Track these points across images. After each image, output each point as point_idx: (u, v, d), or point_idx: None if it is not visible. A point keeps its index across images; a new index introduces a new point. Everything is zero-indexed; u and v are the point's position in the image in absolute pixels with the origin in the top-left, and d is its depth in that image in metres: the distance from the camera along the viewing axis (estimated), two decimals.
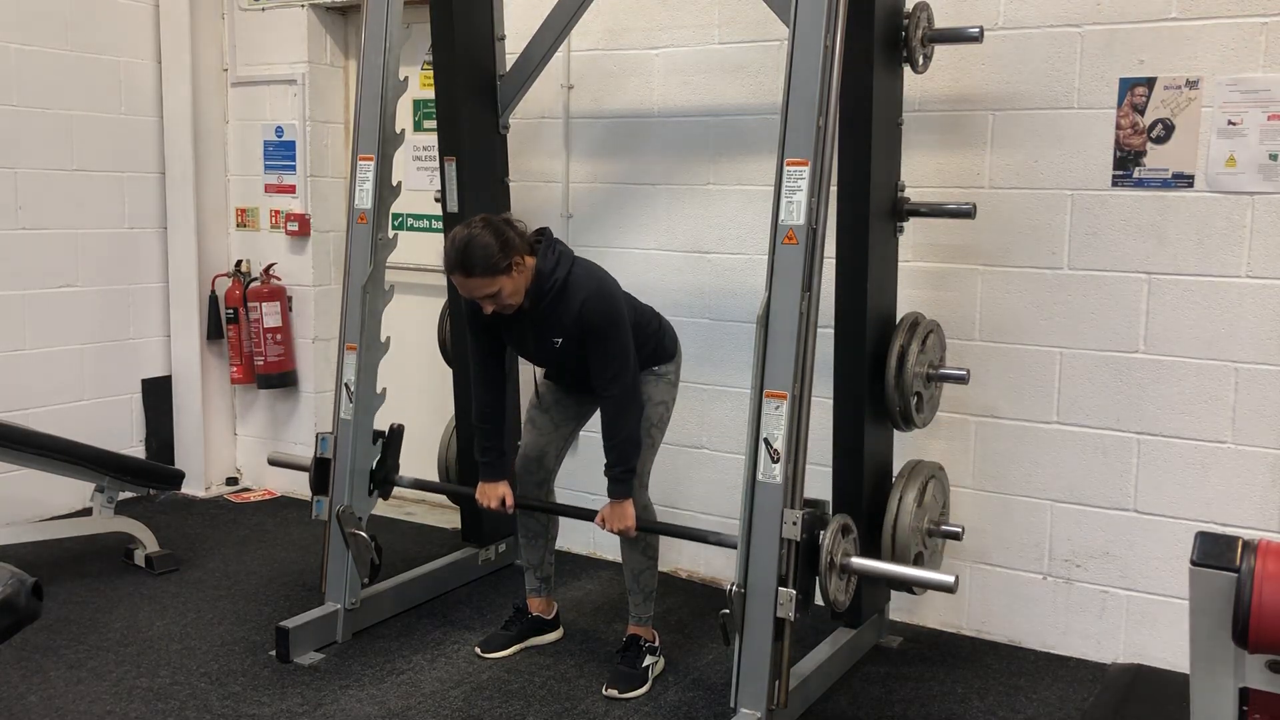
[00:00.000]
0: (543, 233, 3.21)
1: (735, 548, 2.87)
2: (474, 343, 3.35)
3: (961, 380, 3.44)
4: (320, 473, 3.65)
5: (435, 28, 3.93)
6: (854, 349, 3.37)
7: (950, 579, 2.83)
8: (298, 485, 5.26)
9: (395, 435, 3.73)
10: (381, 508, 4.47)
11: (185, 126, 5.07)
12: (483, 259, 3.00)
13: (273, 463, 3.99)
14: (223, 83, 5.22)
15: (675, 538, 3.49)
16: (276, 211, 5.14)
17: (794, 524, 2.77)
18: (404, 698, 3.27)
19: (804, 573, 2.80)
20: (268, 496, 5.28)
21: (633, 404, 3.19)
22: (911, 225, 3.59)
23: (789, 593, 2.76)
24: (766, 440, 2.80)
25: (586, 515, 3.36)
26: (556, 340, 3.18)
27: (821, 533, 2.81)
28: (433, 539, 4.66)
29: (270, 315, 5.04)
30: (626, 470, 3.19)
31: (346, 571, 3.60)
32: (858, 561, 2.91)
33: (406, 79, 3.76)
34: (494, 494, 3.42)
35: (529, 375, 4.12)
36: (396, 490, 3.79)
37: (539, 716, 3.17)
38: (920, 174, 3.68)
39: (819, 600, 2.87)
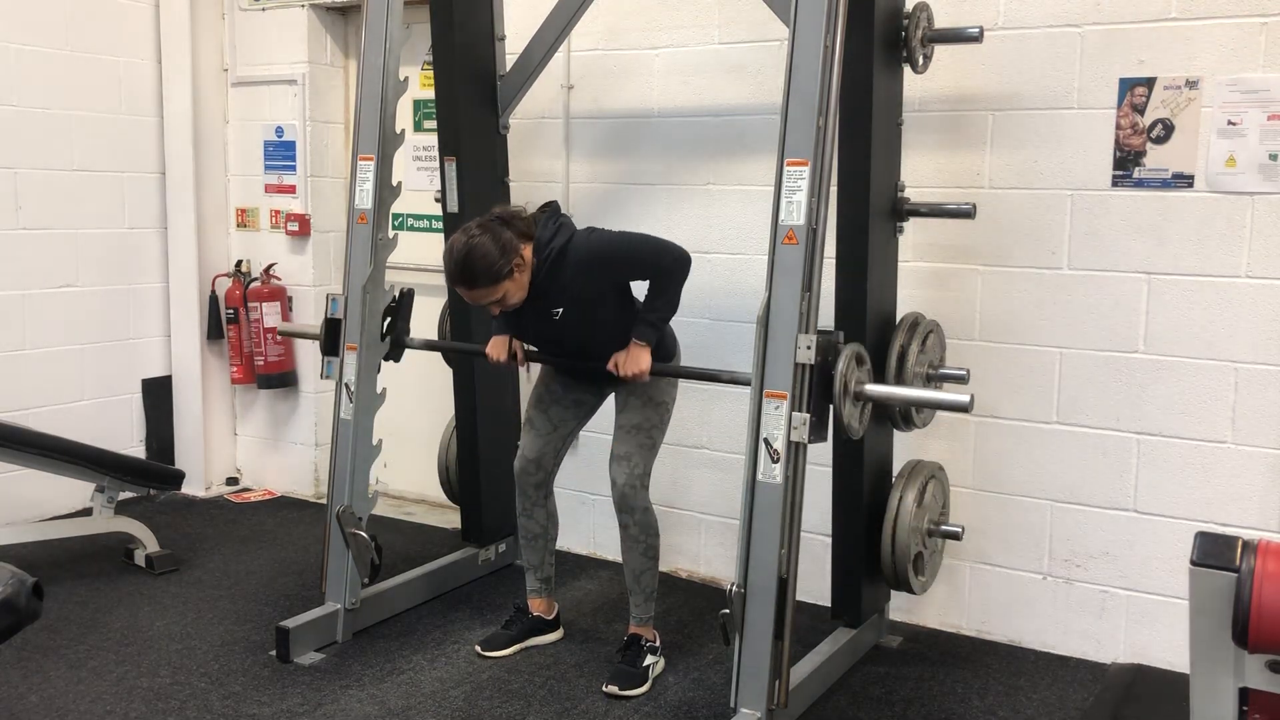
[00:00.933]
0: (548, 205, 3.21)
1: (749, 384, 2.85)
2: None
3: (961, 380, 3.44)
4: (330, 333, 3.67)
5: (435, 28, 3.93)
6: (854, 343, 3.36)
7: (965, 399, 2.82)
8: (298, 485, 5.27)
9: (405, 297, 3.75)
10: (381, 507, 4.48)
11: (185, 126, 5.07)
12: (484, 269, 3.01)
13: (283, 333, 3.98)
14: (223, 83, 5.22)
15: (689, 379, 3.44)
16: (276, 211, 5.14)
17: (808, 348, 2.76)
18: (404, 698, 3.27)
19: (819, 398, 2.79)
20: (268, 496, 5.28)
21: (684, 268, 3.17)
22: (911, 225, 3.59)
23: (803, 416, 2.76)
24: (766, 440, 2.80)
25: (600, 368, 3.22)
26: (556, 311, 3.16)
27: (835, 358, 2.80)
28: (433, 539, 4.66)
29: (270, 315, 5.04)
30: (661, 318, 3.19)
31: (346, 571, 3.61)
32: (872, 388, 2.90)
33: (406, 79, 3.76)
34: (501, 344, 3.40)
35: (529, 375, 4.13)
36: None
37: (539, 716, 3.17)
38: (920, 174, 3.68)
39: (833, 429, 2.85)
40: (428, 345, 3.87)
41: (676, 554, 4.29)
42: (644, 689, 3.32)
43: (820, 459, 3.45)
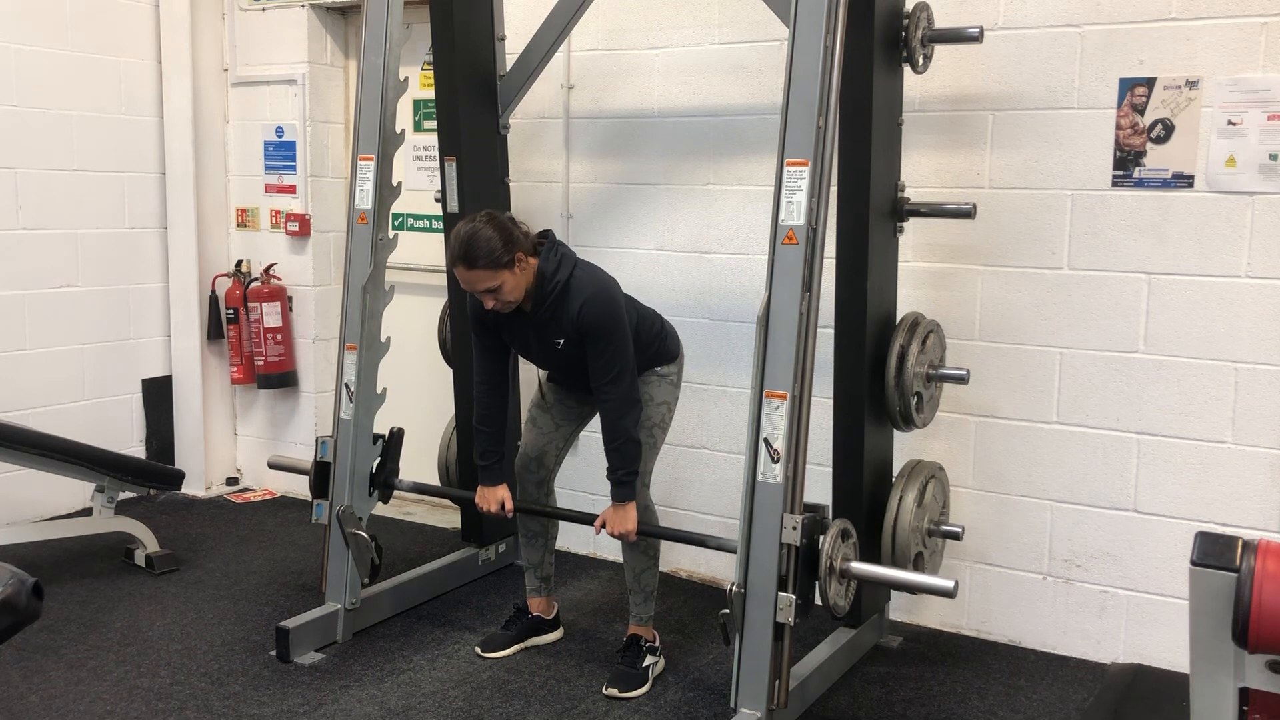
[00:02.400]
0: (546, 235, 3.21)
1: (735, 552, 2.87)
2: (477, 344, 3.36)
3: (961, 380, 3.44)
4: (320, 476, 3.65)
5: (435, 28, 3.93)
6: (854, 349, 3.37)
7: (949, 584, 2.82)
8: (298, 485, 5.26)
9: (395, 439, 3.73)
10: (381, 508, 4.47)
11: (185, 126, 5.08)
12: (486, 252, 3.01)
13: (273, 466, 3.99)
14: (223, 83, 5.22)
15: (675, 542, 3.50)
16: (277, 211, 5.14)
17: (794, 529, 2.77)
18: (404, 698, 3.27)
19: (804, 577, 2.80)
20: (268, 496, 5.28)
21: (632, 407, 3.18)
22: (911, 225, 3.59)
23: (789, 598, 2.77)
24: (766, 440, 2.80)
25: (586, 520, 3.35)
26: (558, 342, 3.18)
27: (821, 538, 2.81)
28: (433, 539, 4.66)
29: (270, 315, 5.04)
30: (629, 473, 3.19)
31: (346, 571, 3.61)
32: (857, 566, 2.90)
33: (406, 79, 3.76)
34: (493, 498, 3.42)
35: (530, 375, 4.13)
36: (396, 490, 3.79)
37: (539, 716, 3.17)
38: (920, 174, 3.68)
39: (819, 602, 2.87)
40: (417, 489, 3.81)
41: (676, 554, 4.29)
42: (644, 689, 3.32)
43: (820, 459, 3.45)
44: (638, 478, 3.23)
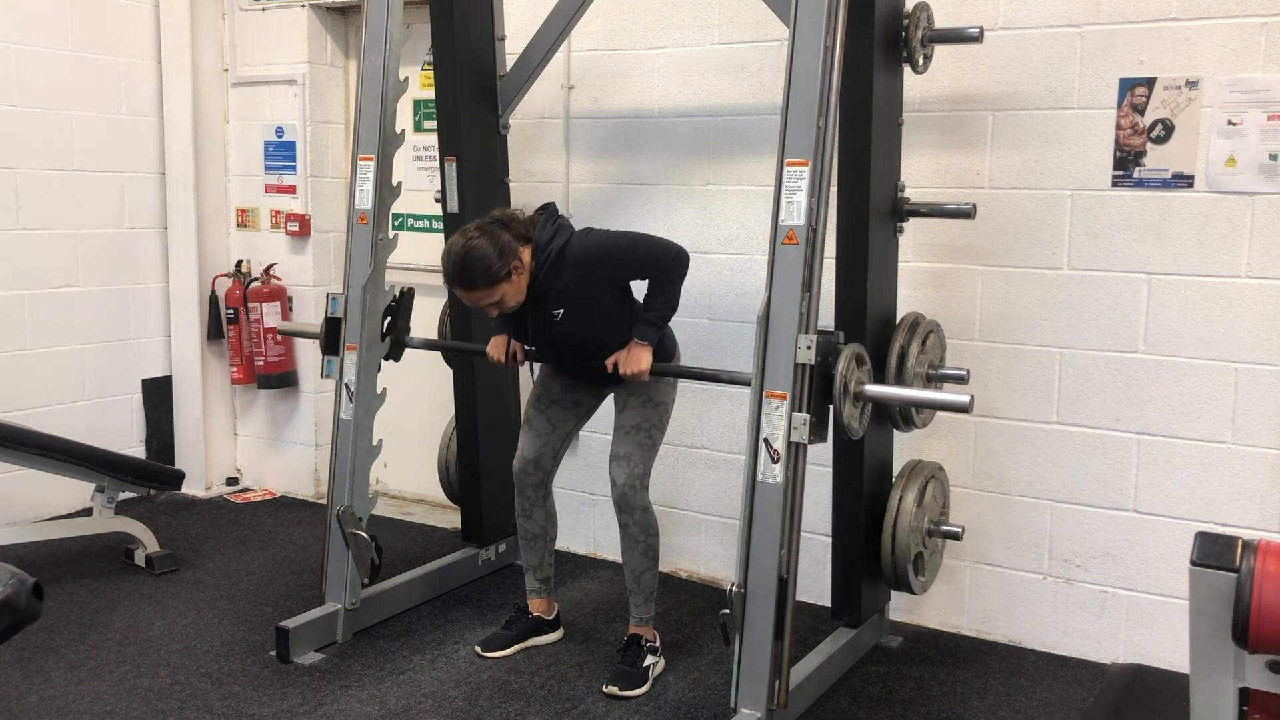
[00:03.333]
0: (545, 207, 3.21)
1: (749, 384, 2.85)
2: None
3: (961, 380, 3.44)
4: (330, 332, 3.67)
5: (435, 28, 3.93)
6: (854, 343, 3.36)
7: (965, 399, 2.82)
8: (298, 485, 5.27)
9: (405, 296, 3.75)
10: (381, 507, 4.48)
11: (185, 126, 5.07)
12: (482, 271, 3.01)
13: (282, 332, 3.98)
14: (223, 83, 5.22)
15: (689, 379, 3.45)
16: (277, 211, 5.14)
17: (808, 348, 2.76)
18: (404, 698, 3.27)
19: (818, 399, 2.79)
20: (268, 496, 5.28)
21: (682, 266, 3.17)
22: (911, 225, 3.59)
23: (803, 416, 2.76)
24: (766, 440, 2.80)
25: (601, 366, 3.25)
26: (556, 313, 3.16)
27: (836, 359, 2.80)
28: (433, 539, 4.66)
29: (270, 315, 5.04)
30: (661, 317, 3.19)
31: (346, 571, 3.61)
32: (872, 388, 2.90)
33: (406, 79, 3.76)
34: (500, 344, 3.42)
35: (528, 380, 4.13)
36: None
37: (539, 716, 3.17)
38: (920, 174, 3.68)
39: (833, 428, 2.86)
40: (428, 345, 3.87)
41: (676, 554, 4.29)
42: (644, 689, 3.32)
43: (820, 459, 3.45)
44: (664, 327, 3.23)
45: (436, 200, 4.12)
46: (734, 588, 2.83)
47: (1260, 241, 3.28)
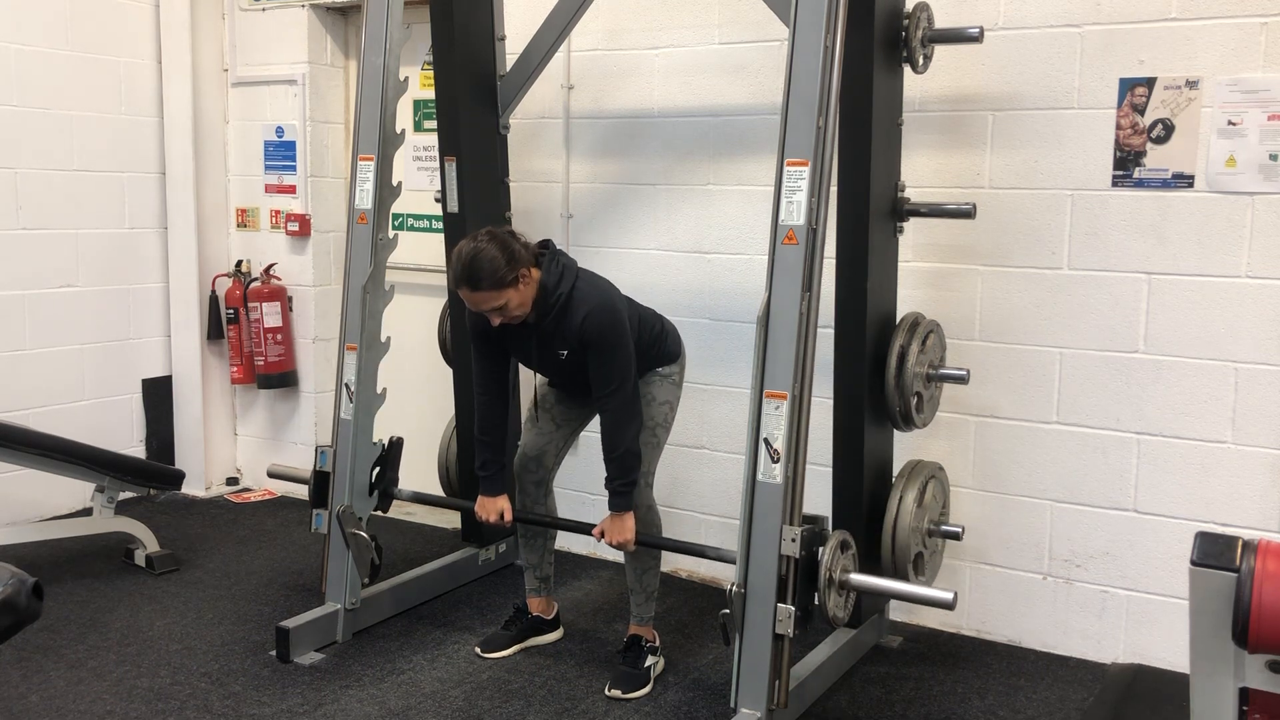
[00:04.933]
0: (546, 245, 3.21)
1: (734, 562, 2.87)
2: (477, 354, 3.36)
3: (961, 380, 3.44)
4: (319, 486, 3.65)
5: (435, 28, 3.93)
6: (854, 349, 3.37)
7: (949, 596, 2.82)
8: (298, 485, 5.25)
9: (394, 448, 3.73)
10: None
11: (185, 126, 5.07)
12: (489, 273, 3.01)
13: (272, 475, 4.00)
14: (223, 83, 5.22)
15: (673, 552, 3.51)
16: (277, 211, 5.14)
17: (793, 540, 2.77)
18: (404, 698, 3.27)
19: (803, 588, 2.80)
20: (268, 496, 5.28)
21: (632, 418, 3.19)
22: (911, 225, 3.59)
23: (788, 609, 2.77)
24: (766, 440, 2.80)
25: (585, 530, 3.35)
26: (562, 353, 3.19)
27: (820, 549, 2.82)
28: (433, 539, 4.66)
29: (270, 315, 5.04)
30: (626, 483, 3.19)
31: (346, 571, 3.61)
32: (856, 578, 2.90)
33: (406, 79, 3.76)
34: (493, 508, 3.43)
35: (530, 377, 4.13)
36: (396, 499, 3.80)
37: (539, 716, 3.17)
38: (920, 174, 3.68)
39: (818, 609, 2.87)
40: (417, 499, 3.84)
41: (677, 554, 4.28)
42: (646, 690, 3.32)
43: (820, 459, 3.45)
44: (635, 489, 3.23)
45: (436, 200, 4.12)
46: (734, 588, 2.83)
47: (1260, 241, 3.28)
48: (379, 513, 3.76)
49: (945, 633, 3.82)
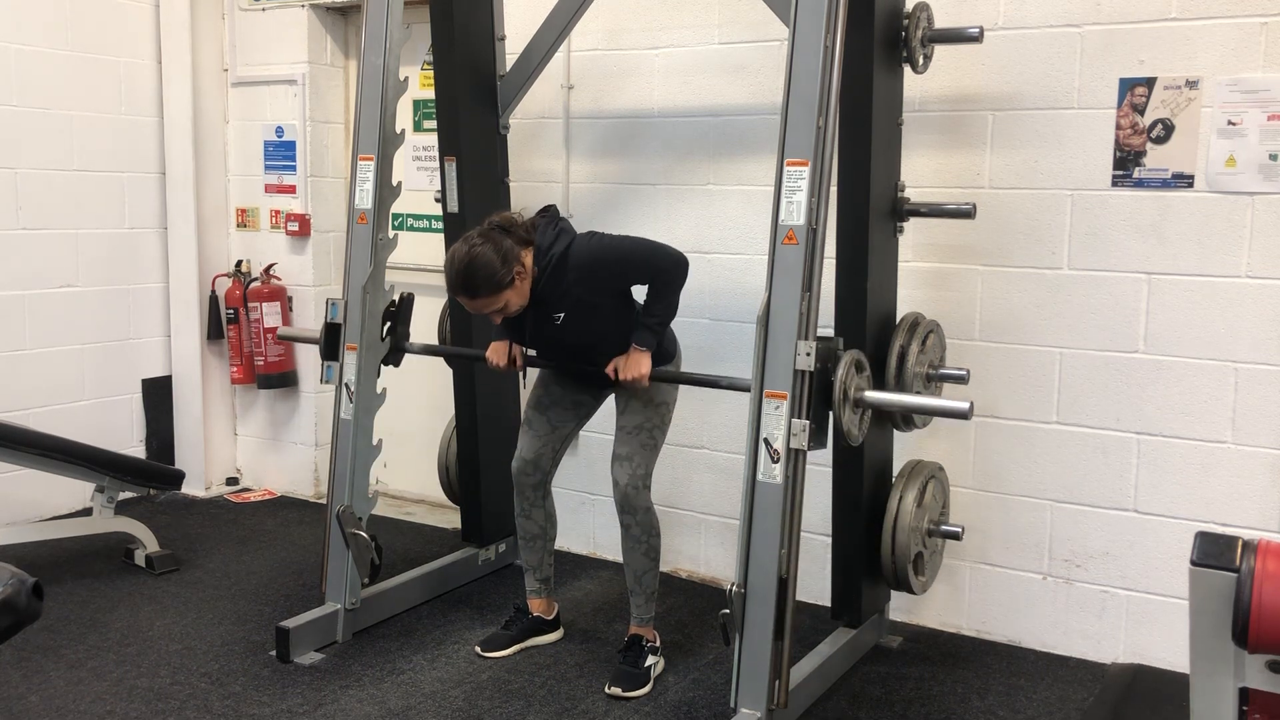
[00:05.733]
0: (547, 210, 3.21)
1: (748, 390, 2.85)
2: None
3: (961, 380, 3.44)
4: (330, 338, 3.67)
5: (435, 28, 3.93)
6: (854, 349, 3.36)
7: (964, 405, 2.81)
8: (298, 485, 5.27)
9: (405, 301, 3.76)
10: (381, 507, 4.48)
11: (185, 126, 5.08)
12: (485, 279, 3.01)
13: (282, 337, 4.01)
14: (223, 83, 5.22)
15: (688, 384, 3.44)
16: (276, 211, 5.14)
17: (807, 354, 2.76)
18: (404, 698, 3.27)
19: (818, 405, 2.79)
20: (268, 496, 5.28)
21: (682, 270, 3.18)
22: (911, 225, 3.59)
23: (802, 423, 2.76)
24: (766, 440, 2.80)
25: (600, 373, 3.25)
26: (557, 316, 3.17)
27: (835, 364, 2.80)
28: (433, 539, 4.66)
29: (270, 315, 5.04)
30: (660, 322, 3.20)
31: (346, 571, 3.61)
32: (871, 394, 2.90)
33: (406, 79, 3.76)
34: (502, 350, 3.41)
35: (531, 377, 4.13)
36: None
37: (539, 716, 3.17)
38: (920, 174, 3.68)
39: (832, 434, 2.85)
40: (427, 350, 3.87)
41: (677, 554, 4.29)
42: (646, 690, 3.32)
43: (820, 459, 3.44)
44: (663, 332, 3.22)
45: (436, 200, 4.12)
46: (734, 588, 2.83)
47: (1260, 241, 3.28)
48: (390, 365, 3.75)
49: (945, 633, 3.82)
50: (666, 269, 3.17)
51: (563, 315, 3.16)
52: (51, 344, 4.84)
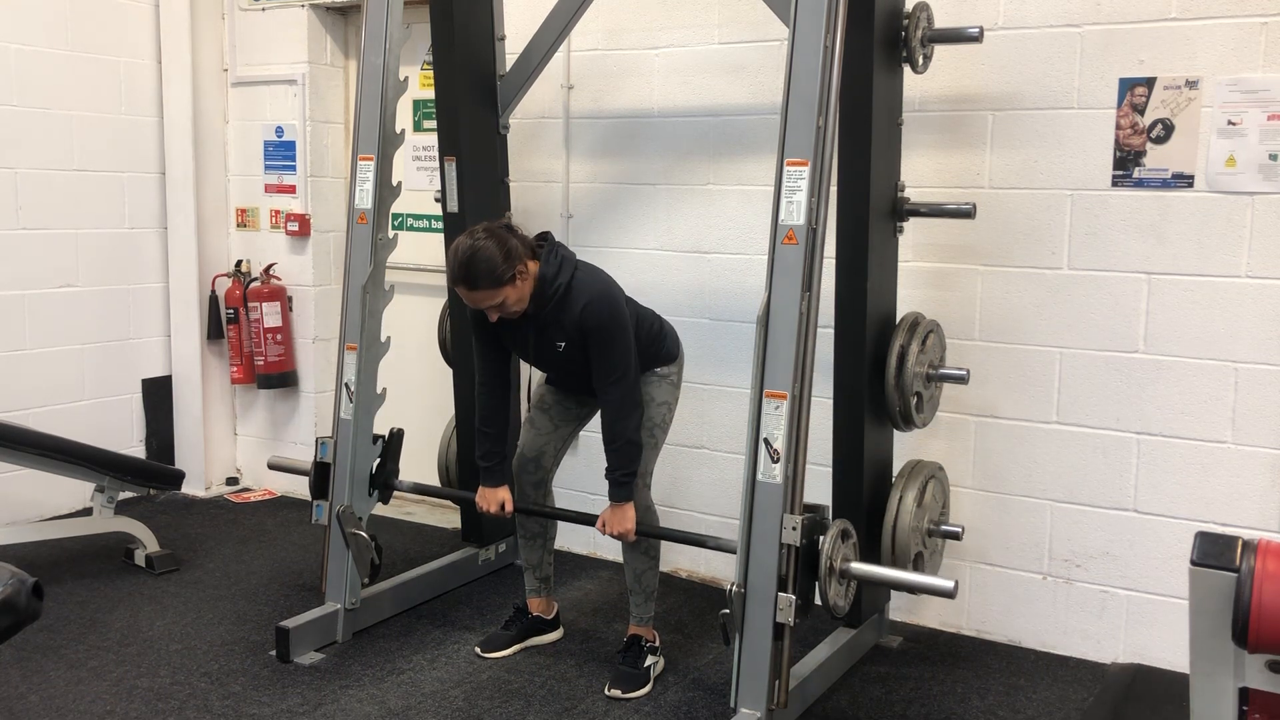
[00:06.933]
0: (545, 237, 3.21)
1: (734, 552, 2.87)
2: (479, 347, 3.36)
3: (961, 380, 3.44)
4: (320, 477, 3.65)
5: (435, 28, 3.93)
6: (854, 349, 3.37)
7: (949, 584, 2.82)
8: (298, 485, 5.26)
9: (395, 439, 3.73)
10: (381, 507, 4.47)
11: (185, 126, 5.08)
12: (487, 271, 3.01)
13: (272, 467, 4.00)
14: (223, 83, 5.22)
15: (674, 542, 3.50)
16: (276, 211, 5.14)
17: (794, 529, 2.77)
18: (404, 698, 3.27)
19: (804, 578, 2.80)
20: (268, 496, 5.28)
21: (633, 408, 3.19)
22: (911, 225, 3.59)
23: (789, 598, 2.76)
24: (766, 440, 2.80)
25: (587, 520, 3.35)
26: (560, 345, 3.19)
27: (821, 538, 2.81)
28: (433, 539, 4.66)
29: (270, 315, 5.04)
30: (627, 474, 3.20)
31: (346, 571, 3.61)
32: (857, 567, 2.90)
33: (406, 79, 3.76)
34: (494, 499, 3.43)
35: (529, 375, 4.13)
36: (396, 491, 3.79)
37: (539, 716, 3.17)
38: (920, 174, 3.68)
39: (819, 603, 2.87)
40: (417, 489, 3.81)
41: (677, 554, 4.29)
42: (646, 690, 3.32)
43: (820, 459, 3.45)
44: (636, 478, 3.23)
45: (436, 200, 4.12)
46: (734, 588, 2.83)
47: (1260, 241, 3.28)
48: (380, 504, 3.75)
49: (945, 633, 3.82)
50: (613, 400, 3.16)
51: (564, 345, 3.18)
52: (51, 344, 4.84)
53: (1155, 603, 3.52)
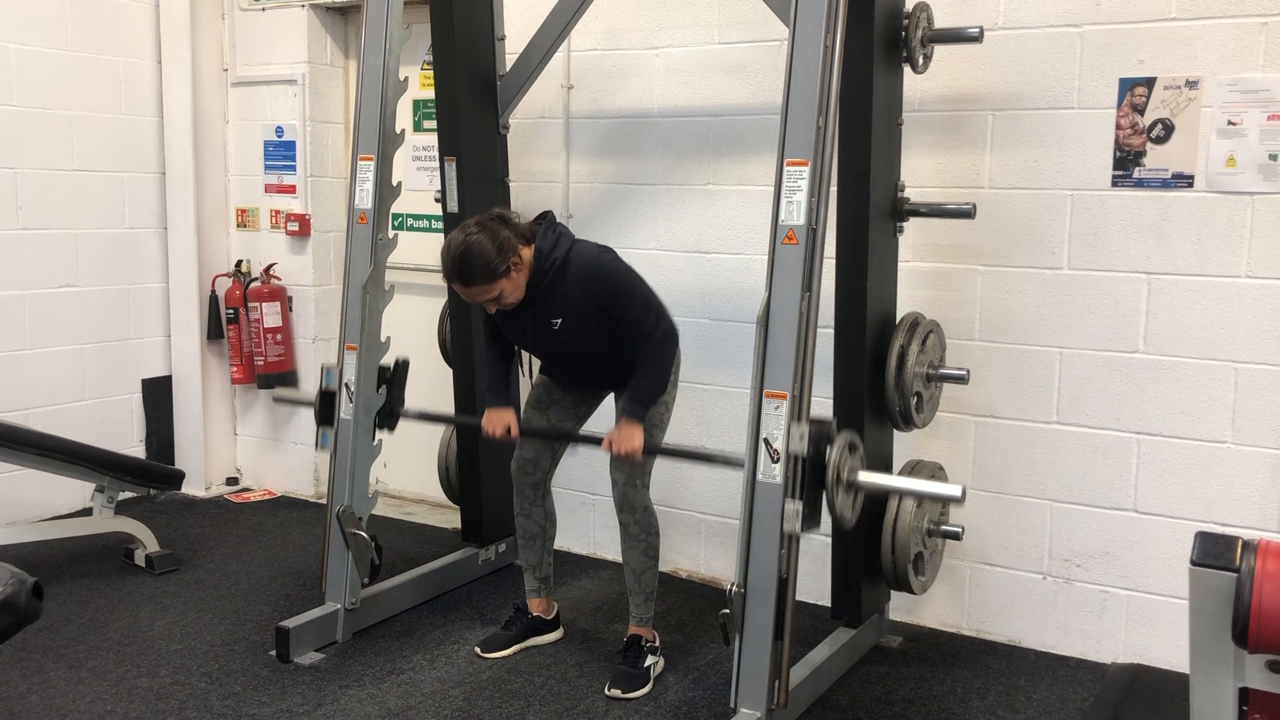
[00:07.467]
0: (544, 215, 3.22)
1: (741, 467, 2.86)
2: (484, 329, 3.43)
3: (961, 380, 3.44)
4: (325, 405, 3.66)
5: (435, 28, 3.93)
6: (854, 349, 3.37)
7: (957, 490, 2.83)
8: (298, 485, 5.27)
9: (400, 368, 3.74)
10: (381, 507, 4.48)
11: (185, 126, 5.08)
12: (480, 266, 3.01)
13: (277, 399, 4.00)
14: (223, 83, 5.22)
15: (683, 460, 3.42)
16: (276, 211, 5.14)
17: (801, 438, 2.76)
18: (404, 698, 3.27)
19: (811, 488, 2.79)
20: (268, 496, 5.28)
21: (673, 343, 3.21)
22: (911, 225, 3.59)
23: (795, 505, 2.76)
24: (766, 440, 2.80)
25: (593, 441, 3.31)
26: (555, 322, 3.17)
27: (828, 447, 2.80)
28: (433, 539, 4.66)
29: (270, 315, 5.04)
30: (649, 396, 3.19)
31: (346, 571, 3.61)
32: (864, 476, 2.89)
33: (406, 79, 3.76)
34: (499, 421, 3.41)
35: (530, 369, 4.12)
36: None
37: (539, 716, 3.17)
38: (920, 174, 3.68)
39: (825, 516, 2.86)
40: (422, 417, 3.82)
41: (676, 554, 4.29)
42: (646, 690, 3.32)
43: None
44: (653, 404, 3.21)
45: (436, 200, 4.12)
46: (734, 588, 2.83)
47: (1260, 241, 3.28)
48: (385, 432, 3.74)
49: (945, 633, 3.82)
50: (658, 339, 3.17)
51: (560, 321, 3.16)
52: (51, 344, 4.84)
53: (1155, 603, 3.52)
